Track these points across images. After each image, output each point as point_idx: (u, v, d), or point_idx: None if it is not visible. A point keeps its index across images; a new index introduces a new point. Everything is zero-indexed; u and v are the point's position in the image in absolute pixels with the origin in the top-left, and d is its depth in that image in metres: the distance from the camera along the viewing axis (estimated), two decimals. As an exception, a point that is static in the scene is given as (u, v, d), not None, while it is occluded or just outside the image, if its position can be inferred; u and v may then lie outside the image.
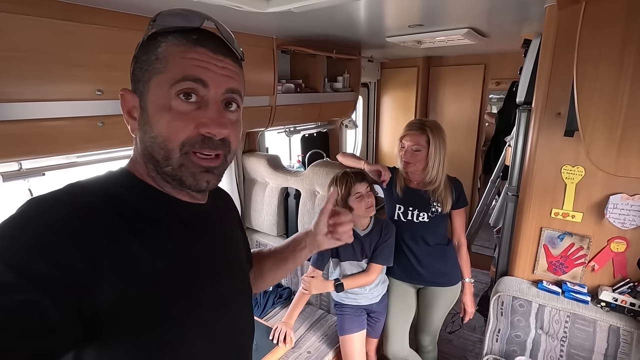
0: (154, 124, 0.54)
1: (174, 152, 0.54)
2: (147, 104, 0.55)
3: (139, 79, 0.56)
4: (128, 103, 0.57)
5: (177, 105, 0.54)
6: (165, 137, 0.54)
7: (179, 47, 0.54)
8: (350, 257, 1.63)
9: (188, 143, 0.54)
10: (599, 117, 1.01)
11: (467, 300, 1.73)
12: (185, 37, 0.55)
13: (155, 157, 0.55)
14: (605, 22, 0.94)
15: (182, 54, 0.54)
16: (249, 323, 0.75)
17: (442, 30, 1.84)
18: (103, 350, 0.50)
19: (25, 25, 1.03)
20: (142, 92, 0.56)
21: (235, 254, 0.73)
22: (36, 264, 0.42)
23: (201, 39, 0.55)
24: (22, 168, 1.25)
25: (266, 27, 1.69)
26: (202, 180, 0.57)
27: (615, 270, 1.42)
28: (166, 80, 0.53)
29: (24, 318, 0.40)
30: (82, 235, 0.47)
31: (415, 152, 1.57)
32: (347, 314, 1.69)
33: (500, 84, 3.14)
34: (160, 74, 0.54)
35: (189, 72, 0.53)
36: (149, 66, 0.55)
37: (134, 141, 0.60)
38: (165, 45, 0.54)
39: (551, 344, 1.49)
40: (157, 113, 0.54)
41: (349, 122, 3.07)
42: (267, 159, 2.15)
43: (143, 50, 0.56)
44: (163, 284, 0.54)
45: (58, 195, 0.50)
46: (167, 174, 0.56)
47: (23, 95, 1.06)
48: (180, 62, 0.53)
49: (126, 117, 0.58)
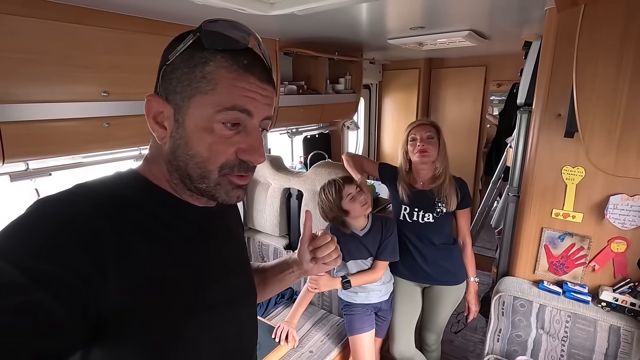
0: (193, 143, 0.54)
1: (213, 174, 0.55)
2: (186, 119, 0.53)
3: (177, 92, 0.53)
4: (154, 109, 0.55)
5: (220, 129, 0.53)
6: (205, 159, 0.54)
7: (230, 73, 0.52)
8: (354, 257, 1.64)
9: (227, 166, 0.55)
10: (598, 117, 1.02)
11: (471, 299, 1.74)
12: (236, 60, 0.53)
13: (190, 173, 0.55)
14: (603, 23, 0.95)
15: (233, 81, 0.52)
16: (253, 323, 0.75)
17: (444, 32, 1.85)
18: (109, 351, 0.51)
19: (32, 27, 1.05)
20: (179, 105, 0.54)
21: (239, 254, 0.74)
22: (43, 265, 0.43)
23: (250, 66, 0.54)
24: (29, 168, 1.27)
25: (269, 29, 1.71)
26: (234, 196, 0.58)
27: (615, 270, 1.43)
28: (213, 103, 0.52)
29: (31, 319, 0.40)
30: (89, 236, 0.47)
31: (429, 140, 1.60)
32: (357, 314, 1.69)
33: (502, 86, 3.16)
34: (206, 94, 0.52)
35: (239, 102, 0.53)
36: (192, 82, 0.52)
37: (152, 145, 0.59)
38: (214, 66, 0.52)
39: (552, 344, 1.49)
40: (198, 133, 0.53)
41: (350, 123, 3.08)
42: (270, 160, 2.17)
43: (185, 62, 0.53)
44: (169, 286, 0.54)
45: (66, 197, 0.50)
46: (199, 189, 0.57)
47: (30, 97, 1.08)
48: (231, 90, 0.52)
49: (152, 124, 0.56)
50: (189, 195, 0.60)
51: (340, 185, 1.54)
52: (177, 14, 1.27)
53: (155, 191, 0.58)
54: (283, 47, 1.98)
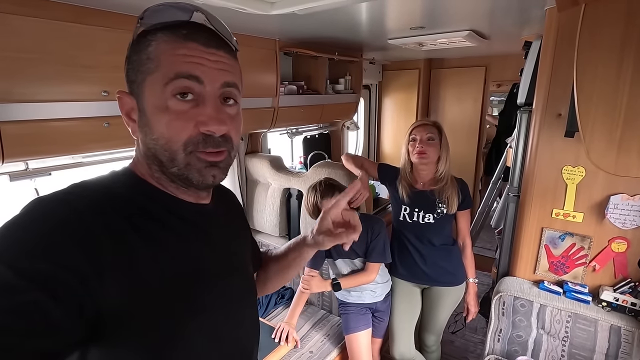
0: (154, 126, 0.53)
1: (179, 153, 0.54)
2: (144, 105, 0.54)
3: (133, 80, 0.54)
4: (126, 105, 0.56)
5: (173, 104, 0.52)
6: (167, 139, 0.53)
7: (168, 45, 0.52)
8: (343, 255, 1.64)
9: (191, 143, 0.53)
10: (599, 117, 1.02)
11: (470, 299, 1.74)
12: (175, 32, 0.53)
13: (160, 158, 0.55)
14: (604, 23, 0.95)
15: (172, 51, 0.52)
16: (253, 323, 0.75)
17: (444, 32, 1.85)
18: (107, 351, 0.50)
19: (33, 27, 1.05)
20: (137, 93, 0.54)
21: (239, 254, 0.73)
22: (39, 265, 0.42)
23: (191, 34, 0.53)
24: (29, 168, 1.27)
25: (269, 29, 1.71)
26: (209, 175, 0.56)
27: (616, 270, 1.43)
28: (159, 79, 0.52)
29: (27, 318, 0.40)
30: (85, 235, 0.47)
31: (429, 142, 1.59)
32: (352, 313, 1.70)
33: (501, 86, 3.16)
34: (152, 73, 0.52)
35: (181, 69, 0.52)
36: (140, 66, 0.53)
37: (135, 142, 0.59)
38: (155, 44, 0.53)
39: (553, 344, 1.49)
40: (155, 114, 0.53)
41: (350, 123, 3.08)
42: (270, 160, 2.17)
43: (134, 50, 0.54)
44: (167, 285, 0.54)
45: (61, 196, 0.50)
46: (173, 174, 0.56)
47: (30, 96, 1.07)
48: (172, 60, 0.52)
49: (126, 120, 0.57)
50: (175, 187, 0.59)
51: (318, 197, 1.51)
52: (178, 14, 1.27)
53: (146, 187, 0.58)
54: (283, 47, 1.98)
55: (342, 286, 1.61)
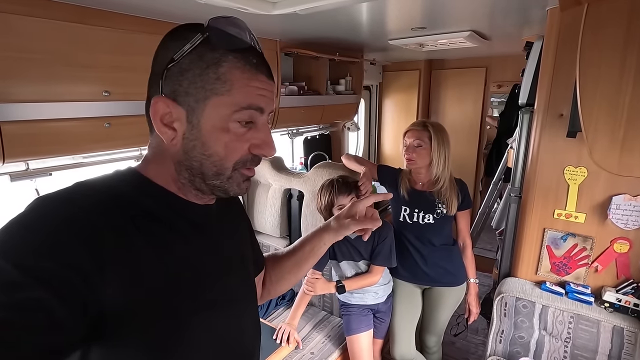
0: (210, 143, 0.54)
1: (227, 170, 0.57)
2: (201, 121, 0.54)
3: (190, 93, 0.53)
4: (161, 111, 0.54)
5: (235, 128, 0.55)
6: (222, 157, 0.55)
7: (244, 73, 0.54)
8: (347, 257, 1.64)
9: (241, 162, 0.57)
10: (602, 117, 1.02)
11: (471, 300, 1.73)
12: (247, 60, 0.54)
13: (204, 172, 0.56)
14: (607, 23, 0.95)
15: (247, 81, 0.54)
16: (255, 324, 0.75)
17: (444, 33, 1.85)
18: (109, 350, 0.50)
19: (35, 27, 1.05)
20: (193, 107, 0.53)
21: (241, 254, 0.73)
22: (43, 263, 0.43)
23: (259, 64, 0.56)
24: (29, 168, 1.26)
25: (270, 29, 1.71)
26: (245, 188, 0.61)
27: (618, 271, 1.43)
28: (230, 104, 0.53)
29: (32, 316, 0.40)
30: (88, 234, 0.47)
31: (417, 148, 1.58)
32: (353, 314, 1.69)
33: (502, 87, 3.16)
34: (222, 96, 0.53)
35: (255, 101, 0.55)
36: (206, 84, 0.52)
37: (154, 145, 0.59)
38: (227, 67, 0.53)
39: (555, 345, 1.48)
40: (214, 133, 0.54)
41: (351, 124, 3.08)
42: (270, 161, 2.16)
43: (195, 63, 0.52)
44: (169, 284, 0.54)
45: (65, 194, 0.50)
46: (213, 185, 0.58)
47: (32, 96, 1.07)
48: (246, 90, 0.54)
49: (159, 126, 0.55)
50: (194, 194, 0.60)
51: (334, 193, 1.51)
52: (179, 14, 1.27)
53: (155, 189, 0.58)
54: (284, 48, 1.98)
55: (347, 288, 1.61)
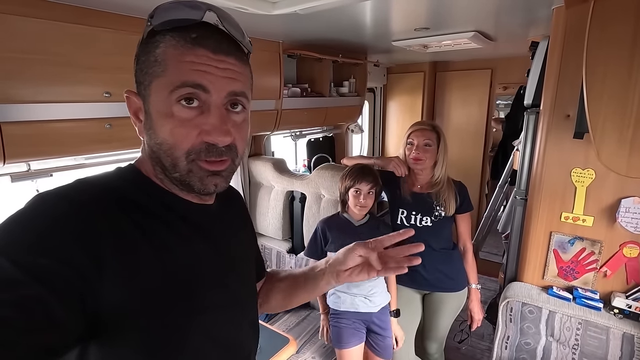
0: (158, 130, 0.53)
1: (180, 160, 0.53)
2: (150, 108, 0.53)
3: (141, 82, 0.54)
4: (134, 105, 0.56)
5: (178, 111, 0.51)
6: (170, 145, 0.52)
7: (176, 49, 0.50)
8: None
9: (193, 152, 0.53)
10: (609, 117, 0.99)
11: (473, 306, 1.69)
12: (184, 36, 0.50)
13: (163, 162, 0.54)
14: (614, 20, 0.93)
15: (180, 57, 0.50)
16: (253, 326, 0.74)
17: (449, 33, 1.84)
18: (106, 349, 0.50)
19: (36, 28, 1.05)
20: (144, 95, 0.54)
21: (242, 256, 0.72)
22: (41, 260, 0.43)
23: (200, 38, 0.51)
24: (30, 169, 1.27)
25: (272, 30, 1.71)
26: (210, 184, 0.56)
27: (628, 276, 1.39)
28: (165, 85, 0.51)
29: (28, 313, 0.40)
30: (86, 231, 0.46)
31: (426, 148, 1.56)
32: (343, 326, 1.57)
33: (508, 89, 3.13)
34: (159, 77, 0.51)
35: (188, 77, 0.50)
36: (148, 69, 0.52)
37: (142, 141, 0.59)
38: (164, 47, 0.51)
39: (562, 352, 1.45)
40: (160, 119, 0.52)
41: (354, 126, 3.07)
42: (273, 163, 2.16)
43: (142, 50, 0.53)
44: (167, 284, 0.53)
45: (64, 191, 0.50)
46: (175, 179, 0.55)
47: (32, 97, 1.07)
48: (179, 67, 0.50)
49: (133, 119, 0.57)
50: (179, 190, 0.59)
51: (359, 177, 1.51)
52: (180, 15, 1.27)
53: (150, 186, 0.58)
54: (287, 50, 1.97)
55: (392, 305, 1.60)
